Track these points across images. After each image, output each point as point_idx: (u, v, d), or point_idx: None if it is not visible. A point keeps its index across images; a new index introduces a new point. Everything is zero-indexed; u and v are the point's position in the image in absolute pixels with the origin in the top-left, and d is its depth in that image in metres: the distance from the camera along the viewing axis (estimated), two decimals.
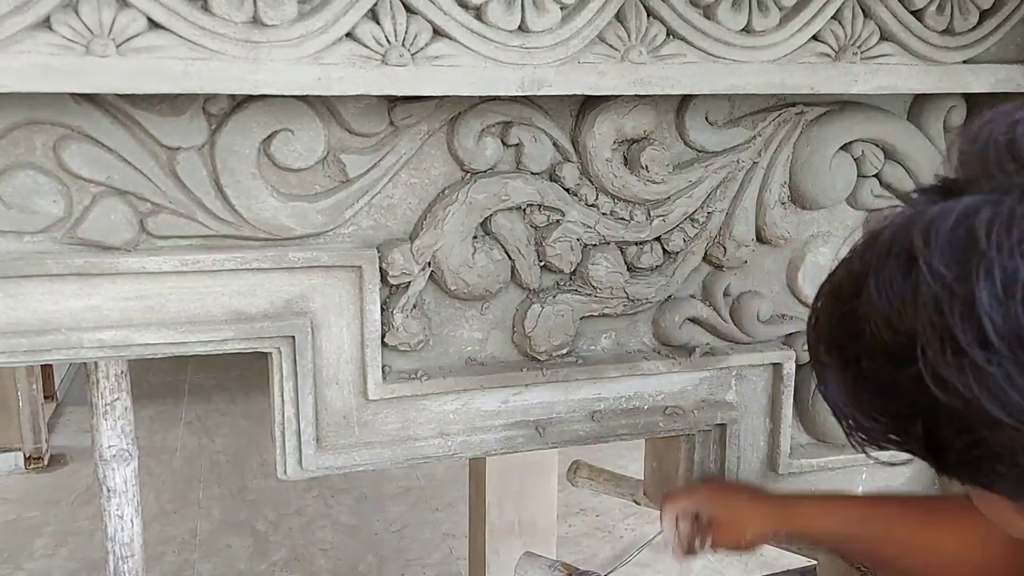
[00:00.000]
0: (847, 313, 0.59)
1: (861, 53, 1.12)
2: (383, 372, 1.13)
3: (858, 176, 1.26)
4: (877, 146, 1.25)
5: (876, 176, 1.27)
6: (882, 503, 1.08)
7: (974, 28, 1.16)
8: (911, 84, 1.16)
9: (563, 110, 1.13)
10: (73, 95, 0.93)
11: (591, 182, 1.15)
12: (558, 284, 1.19)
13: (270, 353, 1.09)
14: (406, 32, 0.94)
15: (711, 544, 1.15)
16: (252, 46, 0.89)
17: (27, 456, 4.57)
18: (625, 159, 1.17)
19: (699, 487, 1.24)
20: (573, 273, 1.19)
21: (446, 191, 1.11)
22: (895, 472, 1.40)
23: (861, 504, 1.10)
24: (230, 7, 0.88)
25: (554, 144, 1.13)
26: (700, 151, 1.19)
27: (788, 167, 1.23)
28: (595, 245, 1.18)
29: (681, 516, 1.17)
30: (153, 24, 0.86)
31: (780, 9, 1.07)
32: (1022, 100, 0.60)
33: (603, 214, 1.17)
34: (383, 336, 1.12)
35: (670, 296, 1.24)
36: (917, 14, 1.13)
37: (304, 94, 0.95)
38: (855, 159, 1.25)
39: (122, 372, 1.22)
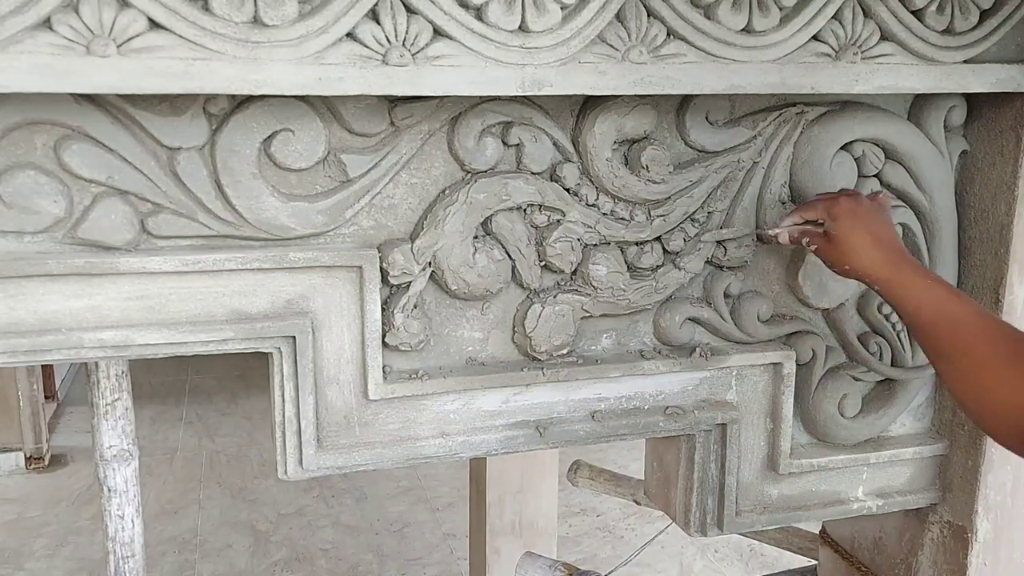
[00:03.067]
0: None
1: (861, 53, 1.12)
2: (384, 372, 1.13)
3: (858, 176, 1.26)
4: (877, 146, 1.25)
5: (876, 176, 1.27)
6: (988, 316, 1.04)
7: (974, 28, 1.16)
8: (911, 84, 1.16)
9: (563, 110, 1.13)
10: (73, 95, 0.93)
11: (591, 182, 1.15)
12: (558, 284, 1.19)
13: (270, 353, 1.09)
14: (406, 32, 0.94)
15: (813, 247, 1.15)
16: (252, 46, 0.89)
17: (28, 456, 4.58)
18: (625, 159, 1.17)
19: (840, 203, 1.14)
20: (573, 273, 1.19)
21: (447, 191, 1.11)
22: (896, 472, 1.40)
23: (970, 306, 1.05)
24: (230, 7, 0.88)
25: (554, 144, 1.13)
26: (700, 151, 1.19)
27: (789, 167, 1.23)
28: (595, 245, 1.18)
29: (804, 215, 1.16)
30: (153, 24, 0.86)
31: (780, 9, 1.07)
32: None
33: (603, 214, 1.17)
34: (383, 336, 1.12)
35: (670, 296, 1.24)
36: (917, 14, 1.13)
37: (304, 94, 0.95)
38: (855, 159, 1.25)
39: (122, 372, 1.22)
